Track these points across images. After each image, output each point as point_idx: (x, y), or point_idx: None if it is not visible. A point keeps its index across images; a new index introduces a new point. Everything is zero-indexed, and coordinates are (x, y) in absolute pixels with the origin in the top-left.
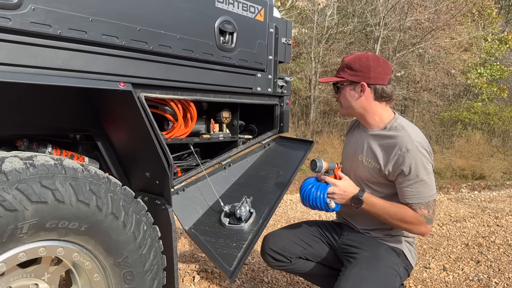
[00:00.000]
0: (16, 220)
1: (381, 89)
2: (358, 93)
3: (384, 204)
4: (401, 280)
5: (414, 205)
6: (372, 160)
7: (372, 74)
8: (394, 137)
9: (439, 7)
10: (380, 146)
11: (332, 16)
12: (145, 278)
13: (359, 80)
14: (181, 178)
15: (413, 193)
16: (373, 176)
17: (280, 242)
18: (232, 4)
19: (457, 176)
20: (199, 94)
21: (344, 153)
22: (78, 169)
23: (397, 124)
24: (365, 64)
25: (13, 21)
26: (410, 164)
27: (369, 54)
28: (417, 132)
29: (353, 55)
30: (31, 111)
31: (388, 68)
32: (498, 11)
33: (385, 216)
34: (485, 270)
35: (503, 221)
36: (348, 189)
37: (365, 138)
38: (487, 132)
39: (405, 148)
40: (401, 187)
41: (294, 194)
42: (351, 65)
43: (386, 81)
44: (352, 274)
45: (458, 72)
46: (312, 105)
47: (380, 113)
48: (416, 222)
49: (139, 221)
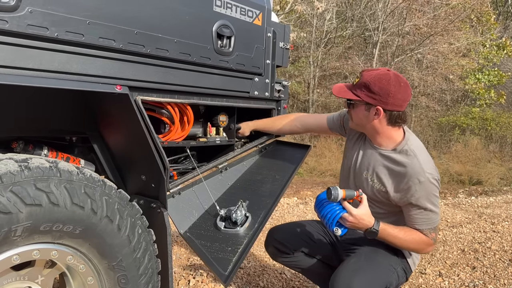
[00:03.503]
0: (10, 223)
1: (397, 115)
2: (372, 116)
3: (398, 234)
4: (398, 280)
5: (424, 230)
6: (378, 181)
7: (391, 100)
8: (405, 165)
9: (437, 12)
10: (389, 170)
11: (331, 20)
12: (139, 281)
13: (375, 104)
14: (177, 181)
15: (423, 220)
16: (376, 196)
17: (285, 234)
18: (230, 8)
19: (454, 181)
20: (196, 98)
21: (346, 159)
22: (73, 172)
23: (408, 148)
24: (385, 88)
25: (10, 23)
26: (421, 196)
27: (391, 76)
28: (428, 160)
29: (374, 72)
30: (27, 113)
31: (408, 94)
32: (496, 17)
33: (398, 244)
34: (481, 276)
35: (499, 227)
36: (363, 220)
37: (371, 155)
38: (484, 138)
39: (416, 180)
40: (410, 214)
41: (291, 198)
42: (370, 86)
43: (404, 107)
44: (351, 263)
45: (456, 77)
46: (311, 109)
47: (391, 135)
48: (425, 247)
49: (134, 225)
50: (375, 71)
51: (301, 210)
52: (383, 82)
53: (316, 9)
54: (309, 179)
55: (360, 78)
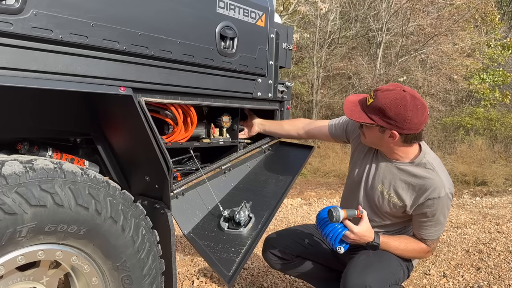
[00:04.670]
0: (15, 224)
1: (413, 136)
2: (387, 138)
3: (399, 245)
4: (403, 276)
5: (428, 240)
6: (395, 196)
7: (407, 125)
8: (425, 179)
9: (441, 12)
10: (407, 184)
11: (335, 21)
12: (143, 282)
13: (391, 129)
14: (180, 182)
15: (431, 232)
16: (391, 209)
17: (282, 240)
18: (233, 10)
19: (459, 182)
20: (200, 99)
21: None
22: (77, 173)
23: (427, 161)
24: (401, 114)
25: (15, 25)
26: (437, 210)
27: (408, 100)
28: (446, 174)
29: (390, 96)
30: (32, 114)
31: (426, 117)
32: (501, 17)
33: (399, 254)
34: (485, 277)
35: (504, 227)
36: (365, 236)
37: (387, 168)
38: (489, 138)
39: (437, 195)
40: (420, 224)
41: (295, 199)
42: (386, 111)
43: (420, 130)
44: (360, 260)
45: (460, 77)
46: (314, 110)
47: (407, 151)
48: (424, 255)
49: (138, 225)
50: (390, 94)
51: (304, 211)
52: (399, 108)
53: (319, 10)
54: (313, 180)
55: (374, 100)
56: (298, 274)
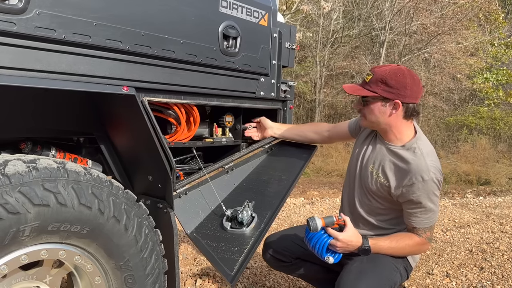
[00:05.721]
0: (18, 223)
1: (413, 107)
2: (390, 110)
3: (391, 244)
4: (401, 279)
5: (420, 229)
6: (382, 176)
7: (408, 92)
8: (410, 163)
9: (445, 11)
10: (394, 166)
11: (338, 20)
12: (146, 281)
13: (393, 98)
14: (183, 181)
15: (421, 219)
16: (379, 190)
17: (282, 242)
18: (236, 9)
19: (462, 181)
20: (202, 98)
21: (354, 156)
22: (80, 172)
23: (417, 146)
24: (402, 81)
25: (18, 25)
26: (422, 195)
27: (404, 69)
28: (434, 161)
29: (387, 68)
30: (35, 114)
31: (421, 87)
32: (504, 16)
33: (394, 253)
34: (488, 277)
35: (507, 227)
36: (352, 242)
37: (380, 149)
38: (493, 137)
39: (420, 178)
40: (409, 212)
41: (298, 198)
42: (387, 80)
43: (419, 99)
44: (354, 267)
45: (464, 76)
46: (317, 109)
47: (403, 131)
48: (420, 248)
49: (141, 225)
50: (387, 67)
51: (307, 210)
52: (399, 76)
53: (322, 9)
54: (315, 179)
55: (372, 75)
56: (299, 275)
